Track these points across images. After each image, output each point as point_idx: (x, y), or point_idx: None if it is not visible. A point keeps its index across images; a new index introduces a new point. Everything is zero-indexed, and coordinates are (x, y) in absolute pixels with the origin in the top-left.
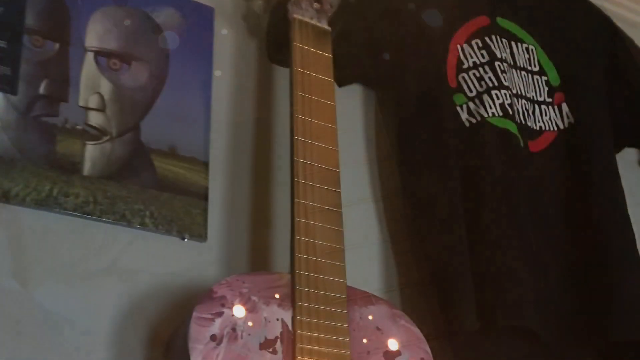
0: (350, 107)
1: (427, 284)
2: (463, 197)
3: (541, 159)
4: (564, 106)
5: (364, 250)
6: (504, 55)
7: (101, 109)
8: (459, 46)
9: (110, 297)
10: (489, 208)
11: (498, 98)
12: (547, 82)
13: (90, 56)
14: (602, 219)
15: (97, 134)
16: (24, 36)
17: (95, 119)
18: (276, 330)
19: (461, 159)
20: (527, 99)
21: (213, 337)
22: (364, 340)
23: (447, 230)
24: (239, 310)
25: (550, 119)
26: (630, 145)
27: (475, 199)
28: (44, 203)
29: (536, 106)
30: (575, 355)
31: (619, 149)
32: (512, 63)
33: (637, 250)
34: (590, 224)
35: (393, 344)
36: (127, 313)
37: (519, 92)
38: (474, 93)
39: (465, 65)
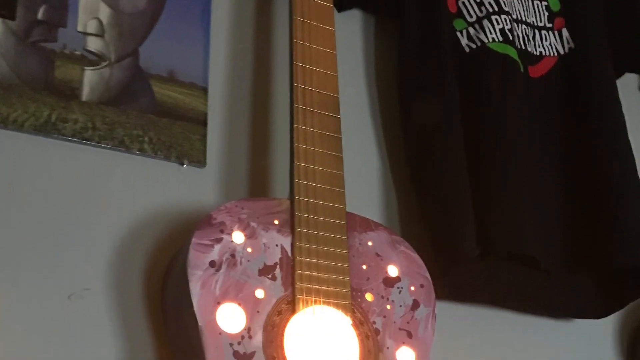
0: (350, 33)
1: (426, 211)
2: (463, 124)
3: (541, 85)
4: (564, 31)
5: (363, 177)
6: None
7: (100, 34)
8: None
9: (108, 224)
10: (488, 134)
11: (498, 23)
12: (548, 7)
13: None
14: (603, 145)
15: (96, 59)
16: None
17: (93, 44)
18: (275, 256)
19: (461, 85)
20: (527, 24)
21: (212, 264)
22: (364, 267)
23: (447, 157)
24: (238, 236)
25: (550, 44)
26: (630, 71)
27: (475, 126)
28: (42, 129)
29: (536, 31)
30: (575, 282)
31: (619, 74)
32: None
33: (637, 177)
34: (591, 150)
35: (393, 270)
36: (125, 239)
37: (519, 17)
38: (474, 18)
39: None
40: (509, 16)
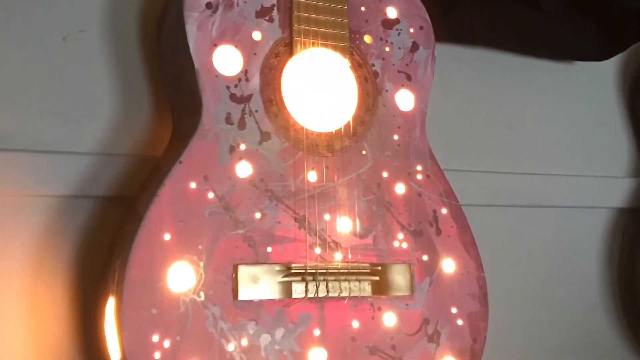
0: None
1: None
2: None
3: None
4: None
5: None
6: None
7: None
8: None
9: None
10: None
11: None
12: None
13: None
14: None
15: None
16: None
17: None
18: None
19: None
20: None
21: (209, 5)
22: (362, 8)
23: None
24: None
25: None
26: None
27: None
28: None
29: None
30: (577, 24)
31: None
32: None
33: None
34: None
35: (392, 12)
36: None
37: None
38: None
39: None
40: None
